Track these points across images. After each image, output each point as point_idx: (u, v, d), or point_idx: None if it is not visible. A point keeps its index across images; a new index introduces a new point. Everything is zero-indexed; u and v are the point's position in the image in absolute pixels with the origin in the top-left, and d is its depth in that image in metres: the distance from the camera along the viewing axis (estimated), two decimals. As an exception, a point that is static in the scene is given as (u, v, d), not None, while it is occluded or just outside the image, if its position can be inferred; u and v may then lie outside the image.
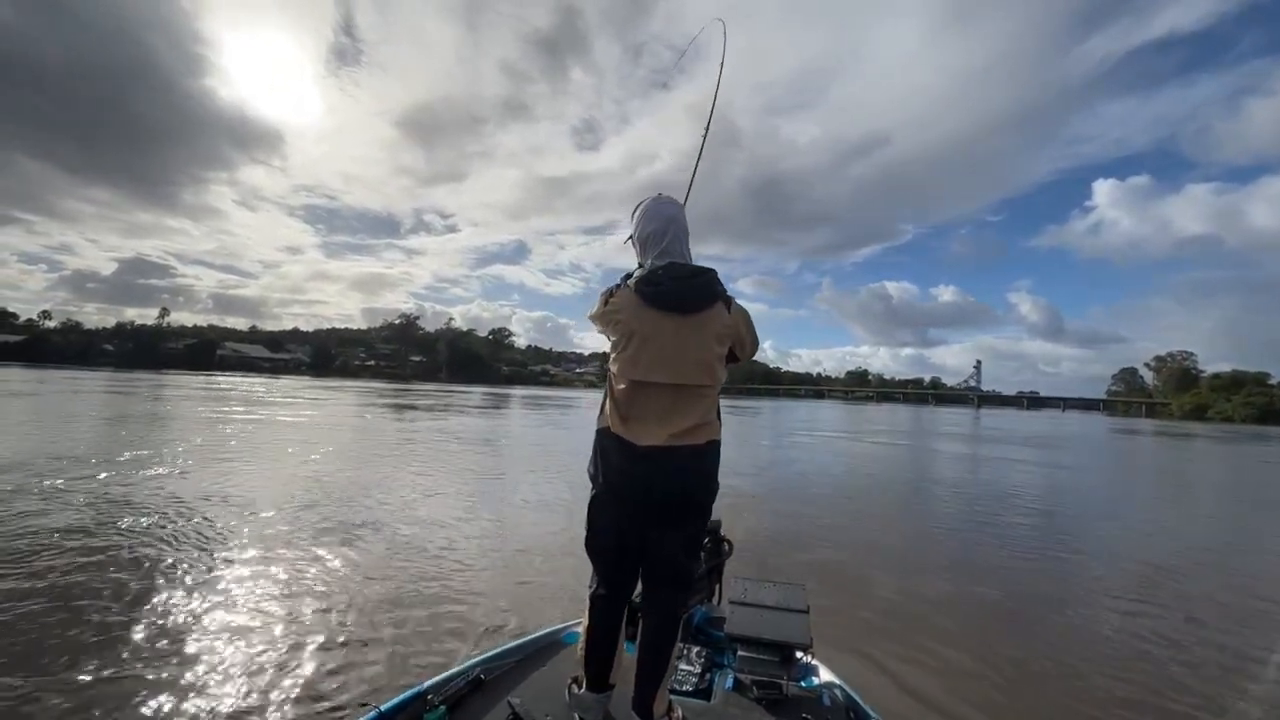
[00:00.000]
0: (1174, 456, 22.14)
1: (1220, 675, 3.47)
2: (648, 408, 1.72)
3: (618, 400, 1.74)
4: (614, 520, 1.76)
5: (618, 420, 1.73)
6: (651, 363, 1.70)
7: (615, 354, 1.75)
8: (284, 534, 5.28)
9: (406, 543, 5.20)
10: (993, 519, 7.80)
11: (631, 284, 1.74)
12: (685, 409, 1.73)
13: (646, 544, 1.77)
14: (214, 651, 3.03)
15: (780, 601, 2.43)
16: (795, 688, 2.01)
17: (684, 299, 1.71)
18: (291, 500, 6.57)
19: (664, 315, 1.70)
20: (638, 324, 1.70)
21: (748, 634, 2.21)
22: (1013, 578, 5.27)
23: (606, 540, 1.79)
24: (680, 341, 1.70)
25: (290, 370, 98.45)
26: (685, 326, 1.70)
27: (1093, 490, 11.90)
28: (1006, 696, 3.10)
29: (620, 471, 1.72)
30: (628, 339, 1.71)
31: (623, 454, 1.71)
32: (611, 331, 1.75)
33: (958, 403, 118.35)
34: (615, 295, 1.75)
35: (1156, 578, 5.48)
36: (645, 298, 1.70)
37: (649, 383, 1.71)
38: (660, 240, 1.77)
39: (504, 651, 2.17)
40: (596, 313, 1.82)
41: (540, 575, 4.57)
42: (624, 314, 1.71)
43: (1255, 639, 4.05)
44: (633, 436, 1.71)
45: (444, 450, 11.98)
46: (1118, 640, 3.95)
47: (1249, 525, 8.86)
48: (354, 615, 3.59)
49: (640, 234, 1.81)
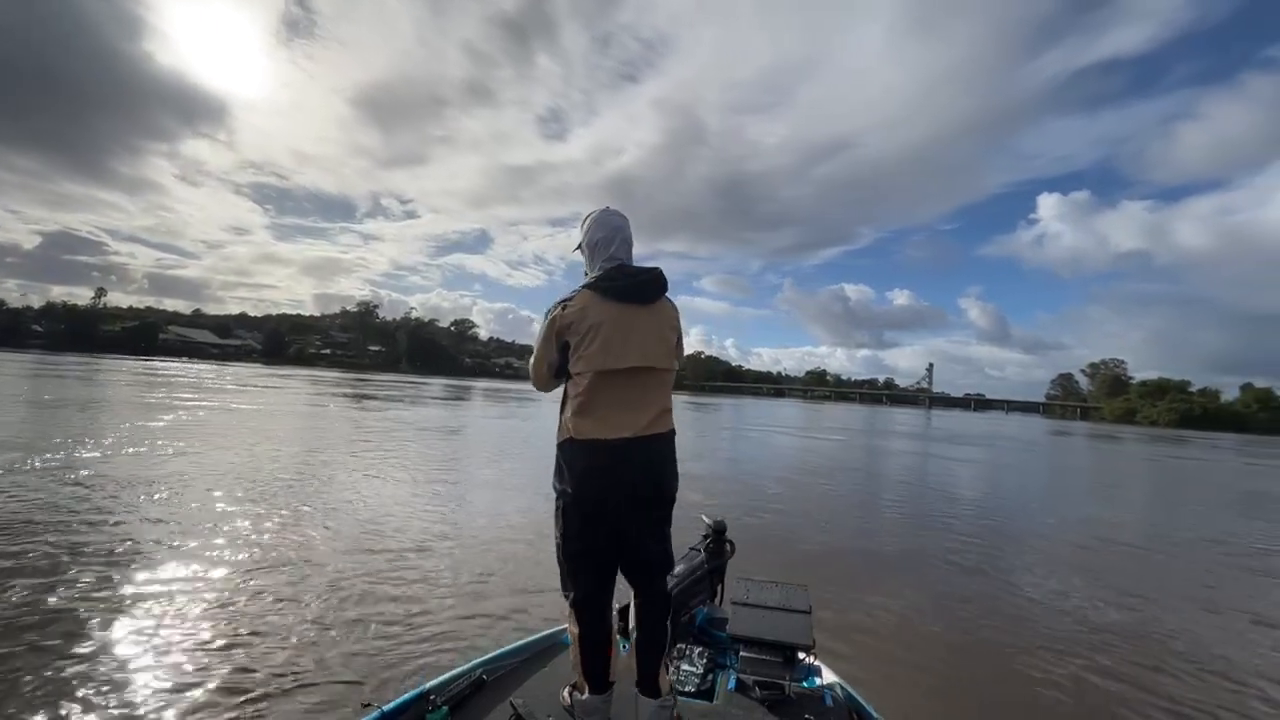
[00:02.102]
0: (1094, 456, 23.96)
1: (1138, 626, 4.04)
2: (617, 397, 1.76)
3: (584, 400, 1.76)
4: (590, 523, 1.78)
5: (585, 423, 1.75)
6: (623, 348, 1.75)
7: (579, 353, 1.76)
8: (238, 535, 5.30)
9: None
10: (939, 505, 8.46)
11: (588, 285, 1.82)
12: (654, 394, 1.82)
13: (625, 539, 1.81)
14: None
15: (782, 602, 2.41)
16: (797, 688, 2.01)
17: (643, 289, 1.83)
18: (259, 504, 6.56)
19: (625, 306, 1.79)
20: (602, 316, 1.76)
21: (750, 635, 2.20)
22: (937, 540, 5.87)
23: (585, 544, 1.80)
24: (644, 326, 1.80)
25: (240, 357, 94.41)
26: (644, 314, 1.82)
27: (1012, 472, 13.14)
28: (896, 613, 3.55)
29: (591, 473, 1.74)
30: (594, 332, 1.75)
31: (593, 455, 1.74)
32: (571, 334, 1.77)
33: (910, 403, 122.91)
34: (571, 302, 1.80)
35: (1039, 544, 6.16)
36: (604, 292, 1.78)
37: (619, 370, 1.75)
38: (608, 247, 1.87)
39: (506, 652, 2.18)
40: (553, 324, 1.80)
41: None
42: (587, 311, 1.76)
43: (1134, 587, 4.68)
44: (602, 433, 1.74)
45: (427, 454, 11.93)
46: (1001, 582, 4.52)
47: (1142, 511, 9.86)
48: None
49: (589, 240, 1.90)
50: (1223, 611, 4.77)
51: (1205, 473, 18.55)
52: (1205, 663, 3.70)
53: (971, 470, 14.50)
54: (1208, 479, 16.57)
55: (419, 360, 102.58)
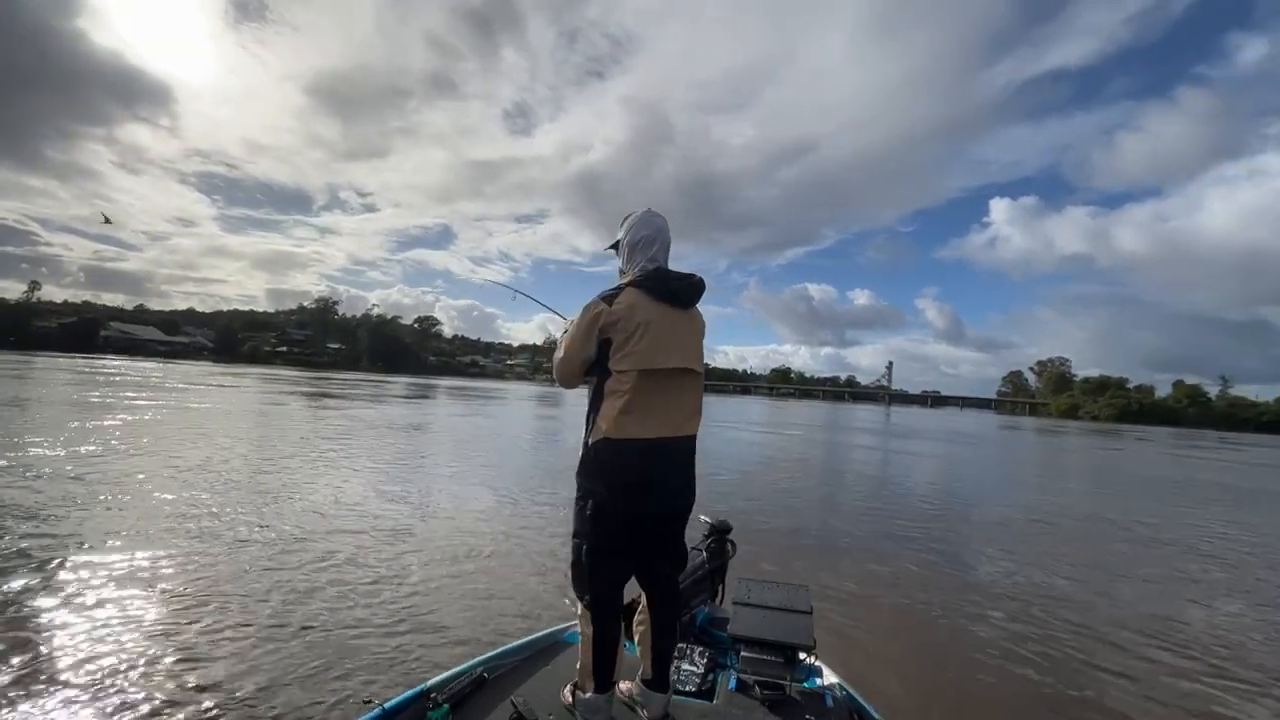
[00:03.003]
0: (1039, 449, 25.28)
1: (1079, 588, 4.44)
2: (658, 397, 1.79)
3: (628, 399, 1.75)
4: (624, 523, 1.78)
5: (626, 421, 1.75)
6: (668, 348, 1.80)
7: (625, 350, 1.77)
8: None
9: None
10: (896, 494, 8.90)
11: (635, 284, 1.85)
12: (690, 395, 1.89)
13: (654, 538, 1.85)
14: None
15: (784, 602, 2.41)
16: (798, 688, 2.02)
17: (686, 293, 1.90)
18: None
19: (670, 308, 1.85)
20: (650, 315, 1.79)
21: (751, 635, 2.20)
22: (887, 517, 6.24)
23: (615, 544, 1.80)
24: (684, 329, 1.88)
25: (189, 355, 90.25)
26: (684, 318, 1.89)
27: (966, 466, 13.86)
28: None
29: (629, 472, 1.75)
30: (642, 330, 1.77)
31: (631, 455, 1.75)
32: (616, 331, 1.77)
33: (870, 400, 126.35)
34: (619, 297, 1.81)
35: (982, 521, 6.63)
36: (651, 292, 1.83)
37: (662, 369, 1.79)
38: (650, 247, 1.91)
39: (507, 651, 2.19)
40: (596, 319, 1.79)
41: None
42: (635, 309, 1.78)
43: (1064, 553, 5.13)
44: (641, 432, 1.75)
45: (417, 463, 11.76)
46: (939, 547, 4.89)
47: (1071, 497, 10.60)
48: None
49: (631, 239, 1.93)
50: (1147, 580, 5.26)
51: (1127, 462, 19.83)
52: (1131, 622, 4.11)
53: (928, 463, 15.22)
54: (1129, 469, 17.75)
55: (381, 358, 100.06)
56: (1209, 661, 3.75)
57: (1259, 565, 6.36)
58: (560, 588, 4.14)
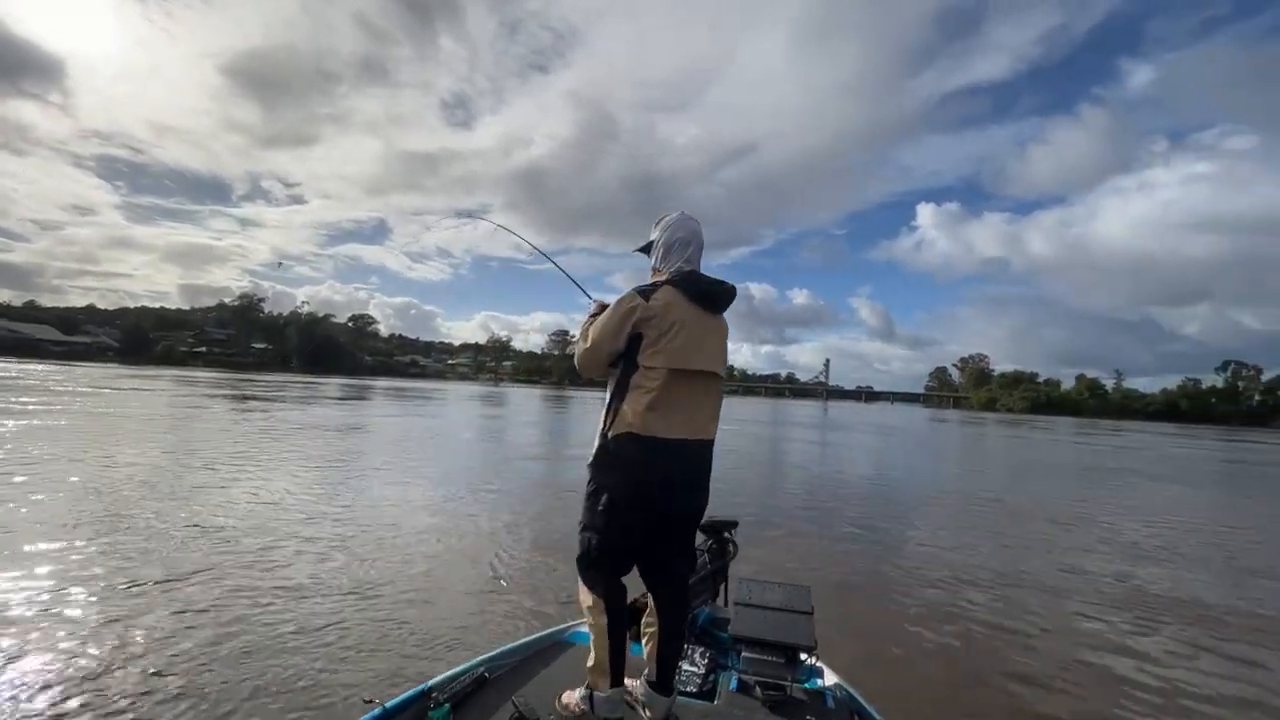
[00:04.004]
0: (961, 439, 27.17)
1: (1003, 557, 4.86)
2: (682, 398, 1.78)
3: (656, 396, 1.75)
4: (640, 518, 1.78)
5: (652, 418, 1.74)
6: (699, 350, 1.81)
7: (657, 347, 1.77)
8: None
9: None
10: (834, 479, 9.41)
11: (671, 283, 1.86)
12: (712, 399, 1.90)
13: (666, 536, 1.85)
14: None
15: (785, 603, 2.41)
16: (799, 689, 2.02)
17: (720, 299, 1.92)
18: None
19: (704, 311, 1.86)
20: (685, 315, 1.80)
21: (752, 635, 2.20)
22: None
23: (629, 539, 1.79)
24: (714, 334, 1.90)
25: (92, 356, 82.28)
26: (714, 322, 1.91)
27: (896, 455, 14.86)
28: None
29: (650, 469, 1.75)
30: (677, 329, 1.77)
31: (654, 452, 1.74)
32: (650, 327, 1.77)
33: (809, 396, 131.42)
34: (655, 294, 1.81)
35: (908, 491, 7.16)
36: (688, 293, 1.83)
37: (690, 371, 1.79)
38: (685, 249, 1.94)
39: (508, 650, 2.17)
40: (631, 313, 1.79)
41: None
42: (671, 307, 1.79)
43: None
44: (665, 431, 1.75)
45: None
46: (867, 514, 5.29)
47: (985, 474, 11.55)
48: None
49: (669, 239, 1.96)
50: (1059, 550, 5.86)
51: (1031, 449, 21.72)
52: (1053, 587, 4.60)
53: (858, 452, 16.14)
54: (1035, 455, 19.44)
55: (312, 358, 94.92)
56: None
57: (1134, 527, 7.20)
58: (505, 610, 3.89)
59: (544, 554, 5.00)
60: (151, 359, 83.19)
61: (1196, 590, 5.08)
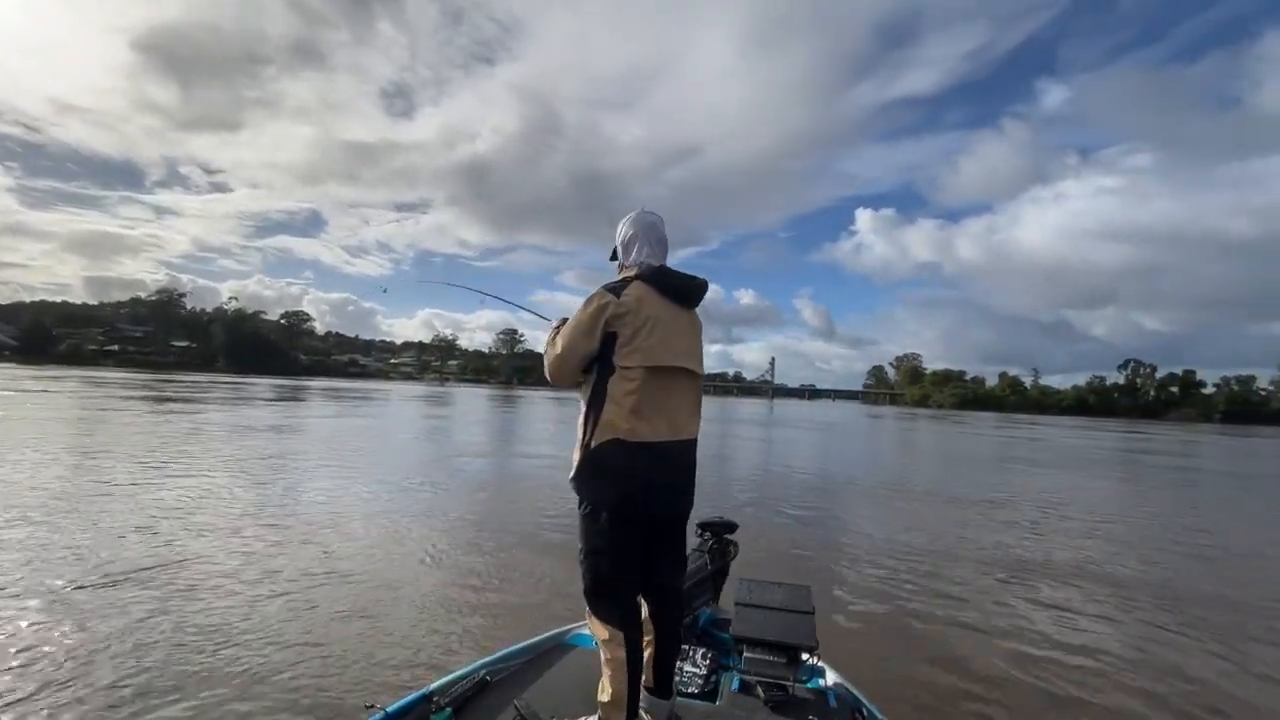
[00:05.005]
0: (895, 433, 28.74)
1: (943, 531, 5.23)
2: (664, 397, 1.72)
3: (638, 398, 1.68)
4: (638, 530, 1.72)
5: (636, 422, 1.67)
6: (675, 346, 1.75)
7: (633, 345, 1.69)
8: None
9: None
10: (781, 472, 9.76)
11: (641, 278, 1.79)
12: (691, 398, 1.83)
13: (660, 540, 1.79)
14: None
15: (786, 603, 2.39)
16: (801, 689, 2.01)
17: (693, 293, 1.86)
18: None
19: (678, 307, 1.81)
20: (658, 311, 1.73)
21: (753, 635, 2.19)
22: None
23: (631, 554, 1.72)
24: (688, 330, 1.84)
25: (-18, 355, 74.70)
26: (688, 317, 1.86)
27: (835, 440, 15.47)
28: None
29: (639, 475, 1.67)
30: (651, 325, 1.70)
31: (641, 458, 1.67)
32: (623, 325, 1.69)
33: (756, 394, 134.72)
34: (626, 290, 1.73)
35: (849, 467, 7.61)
36: (659, 288, 1.77)
37: (669, 368, 1.73)
38: (649, 238, 1.87)
39: (510, 654, 2.15)
40: (602, 311, 1.71)
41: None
42: (644, 303, 1.72)
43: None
44: (649, 434, 1.68)
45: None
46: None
47: (918, 463, 12.34)
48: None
49: (629, 234, 1.87)
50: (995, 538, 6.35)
51: (952, 441, 23.28)
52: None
53: (809, 447, 16.80)
54: (953, 446, 20.85)
55: (241, 357, 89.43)
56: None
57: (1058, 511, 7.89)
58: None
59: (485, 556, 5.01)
60: (55, 358, 76.26)
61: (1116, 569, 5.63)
